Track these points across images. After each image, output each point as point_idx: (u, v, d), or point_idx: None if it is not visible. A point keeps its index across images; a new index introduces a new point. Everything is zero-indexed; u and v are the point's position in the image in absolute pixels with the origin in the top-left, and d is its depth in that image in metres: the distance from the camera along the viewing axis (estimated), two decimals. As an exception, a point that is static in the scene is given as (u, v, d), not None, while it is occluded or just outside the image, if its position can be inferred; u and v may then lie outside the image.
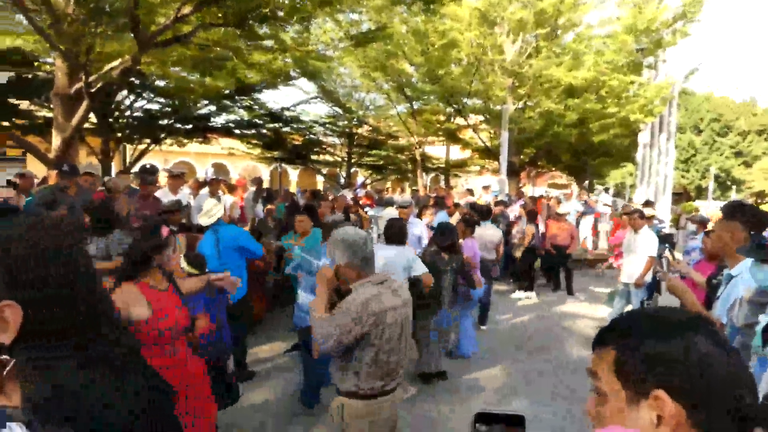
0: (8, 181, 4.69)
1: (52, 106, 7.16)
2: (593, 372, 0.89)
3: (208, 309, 3.22)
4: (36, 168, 8.07)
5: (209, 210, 4.38)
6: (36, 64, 9.09)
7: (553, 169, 22.33)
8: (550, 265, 9.00)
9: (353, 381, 2.13)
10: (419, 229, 6.12)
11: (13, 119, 10.85)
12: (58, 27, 5.14)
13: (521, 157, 17.03)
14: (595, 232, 12.59)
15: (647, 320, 0.85)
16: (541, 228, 8.87)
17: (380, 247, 4.13)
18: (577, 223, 11.30)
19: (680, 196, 31.03)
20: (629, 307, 5.99)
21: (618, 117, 12.59)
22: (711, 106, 35.05)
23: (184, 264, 3.77)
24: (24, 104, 11.11)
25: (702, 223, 6.98)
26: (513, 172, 15.02)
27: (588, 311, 7.51)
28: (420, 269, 4.07)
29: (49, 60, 8.81)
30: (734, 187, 34.08)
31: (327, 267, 2.27)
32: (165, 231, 2.52)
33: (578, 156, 17.75)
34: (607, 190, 27.77)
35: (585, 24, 13.39)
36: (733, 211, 2.35)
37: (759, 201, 27.41)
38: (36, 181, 6.57)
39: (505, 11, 12.18)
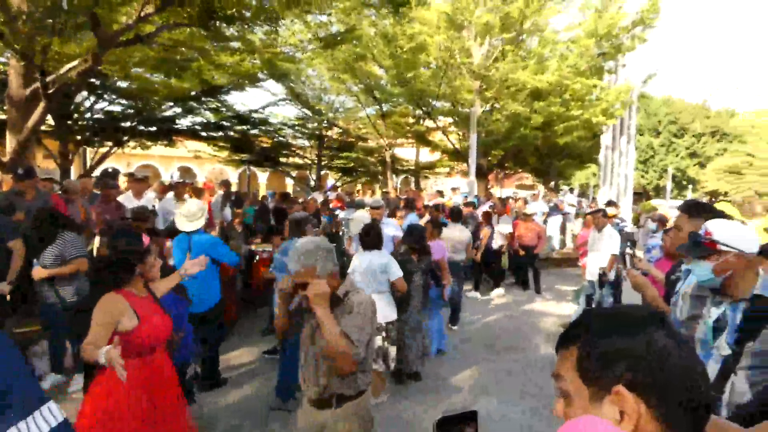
0: None
1: (5, 108, 6.85)
2: (557, 375, 0.90)
3: (176, 308, 3.13)
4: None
5: (194, 214, 4.19)
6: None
7: (520, 170, 22.80)
8: (518, 265, 9.19)
9: (364, 380, 2.21)
10: (392, 229, 6.15)
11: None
12: (12, 25, 4.91)
13: (489, 159, 17.30)
14: (563, 232, 12.95)
15: (606, 317, 0.87)
16: (509, 228, 9.04)
17: (359, 253, 4.14)
18: (544, 223, 11.57)
19: (640, 195, 32.20)
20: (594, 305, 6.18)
21: (581, 119, 12.96)
22: (669, 108, 36.56)
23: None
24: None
25: (661, 221, 7.27)
26: (481, 174, 15.25)
27: (555, 309, 7.70)
28: (396, 273, 4.11)
29: (2, 60, 8.41)
30: (690, 186, 35.60)
31: (320, 283, 2.06)
32: (146, 239, 2.54)
33: (544, 158, 18.21)
34: (572, 190, 28.60)
35: (550, 29, 13.74)
36: (698, 209, 2.45)
37: (713, 199, 28.76)
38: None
39: (472, 15, 12.37)
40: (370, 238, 4.22)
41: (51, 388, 4.26)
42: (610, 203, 9.86)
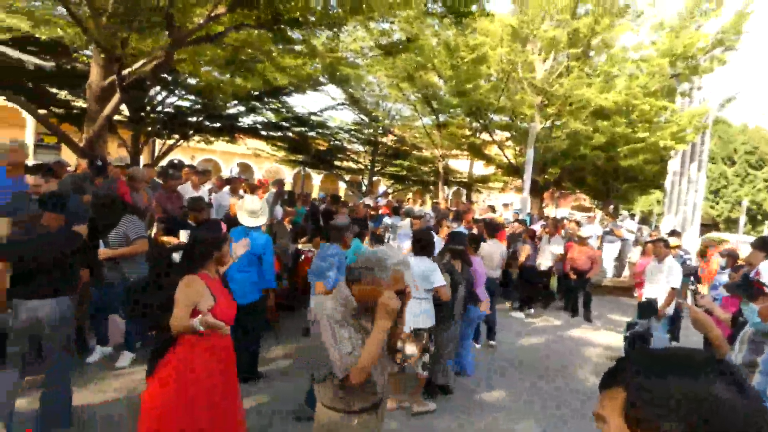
0: (46, 168, 4.79)
1: (85, 97, 7.37)
2: (598, 416, 0.83)
3: None
4: (70, 156, 8.31)
5: (257, 211, 4.29)
6: (74, 55, 9.37)
7: (578, 191, 21.96)
8: (568, 289, 8.80)
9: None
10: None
11: (51, 107, 11.24)
12: (97, 20, 5.28)
13: (546, 176, 16.79)
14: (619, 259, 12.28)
15: (661, 360, 0.79)
16: (560, 250, 8.70)
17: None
18: (599, 248, 11.03)
19: (708, 227, 30.12)
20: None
21: (648, 142, 12.31)
22: (746, 137, 34.05)
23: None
24: (62, 94, 11.50)
25: (731, 256, 6.72)
26: (536, 192, 14.81)
27: (604, 339, 7.28)
28: (440, 280, 4.02)
29: (87, 52, 9.08)
30: (767, 222, 32.92)
31: (391, 297, 1.92)
32: (224, 226, 2.76)
33: (604, 179, 17.42)
34: (632, 216, 27.16)
35: (619, 46, 13.18)
36: None
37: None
38: (70, 169, 6.74)
39: (537, 29, 12.09)
40: (421, 243, 4.16)
41: (99, 361, 4.48)
42: (673, 233, 9.25)
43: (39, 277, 3.21)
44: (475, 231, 7.61)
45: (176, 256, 4.15)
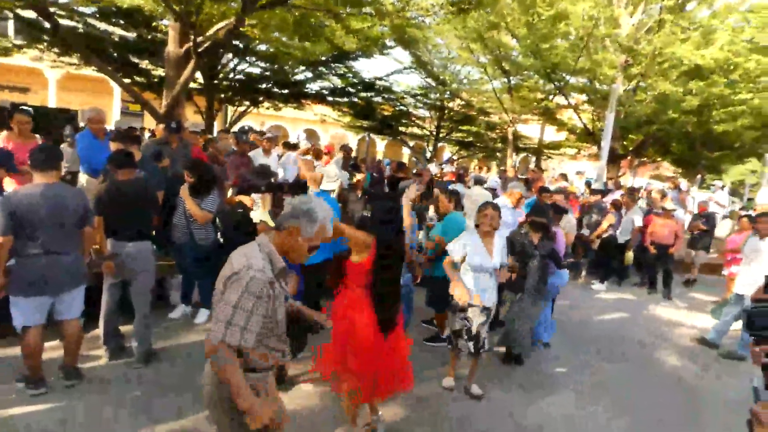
0: (131, 136, 5.07)
1: (163, 66, 7.67)
2: (756, 414, 0.70)
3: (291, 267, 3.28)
4: (151, 122, 8.78)
5: (332, 177, 4.41)
6: (153, 24, 9.75)
7: (660, 159, 20.27)
8: (647, 264, 8.23)
9: None
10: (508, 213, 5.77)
11: (134, 76, 11.89)
12: (173, -13, 5.39)
13: (625, 143, 15.60)
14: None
15: None
16: (639, 222, 8.12)
17: (469, 231, 3.94)
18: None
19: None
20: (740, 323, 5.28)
21: (750, 105, 10.98)
22: None
23: (270, 221, 3.90)
24: (143, 63, 12.12)
25: None
26: (613, 159, 13.83)
27: (687, 320, 6.77)
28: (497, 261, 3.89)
29: (165, 22, 9.41)
30: None
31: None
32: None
33: (692, 147, 15.88)
34: (723, 187, 24.74)
35: (722, -3, 11.68)
36: None
37: None
38: (147, 135, 7.13)
39: (626, -21, 10.98)
40: None
41: (180, 317, 4.79)
42: (777, 207, 8.29)
43: (122, 222, 3.63)
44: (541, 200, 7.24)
45: (254, 216, 4.27)
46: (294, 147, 8.79)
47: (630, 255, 8.44)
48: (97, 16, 10.50)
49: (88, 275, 3.59)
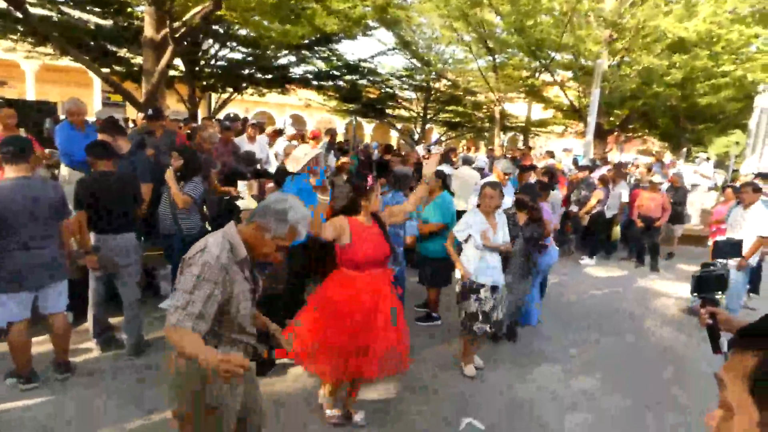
0: (118, 127, 4.95)
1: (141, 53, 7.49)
2: (720, 379, 0.71)
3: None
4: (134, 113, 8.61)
5: (299, 157, 4.27)
6: (129, 11, 9.50)
7: (646, 133, 20.40)
8: (633, 237, 8.34)
9: None
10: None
11: (113, 66, 11.61)
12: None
13: (611, 119, 15.63)
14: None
15: None
16: (625, 197, 8.22)
17: (472, 211, 3.95)
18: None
19: (797, 170, 27.30)
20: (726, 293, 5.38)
21: (733, 76, 11.05)
22: None
23: (253, 206, 3.87)
24: (121, 52, 11.83)
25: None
26: (600, 135, 13.87)
27: (674, 291, 6.89)
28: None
29: (141, 8, 9.17)
30: None
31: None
32: (370, 179, 2.99)
33: (677, 120, 15.99)
34: (708, 159, 24.98)
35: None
36: None
37: None
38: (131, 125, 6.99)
39: (608, -48, 10.88)
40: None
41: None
42: (759, 176, 8.41)
43: (105, 215, 3.58)
44: (533, 178, 7.27)
45: (241, 204, 4.22)
46: (280, 133, 8.70)
47: (617, 229, 8.55)
48: (71, 3, 10.19)
49: (71, 269, 3.55)
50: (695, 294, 1.77)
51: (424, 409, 3.38)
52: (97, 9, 10.27)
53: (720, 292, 1.79)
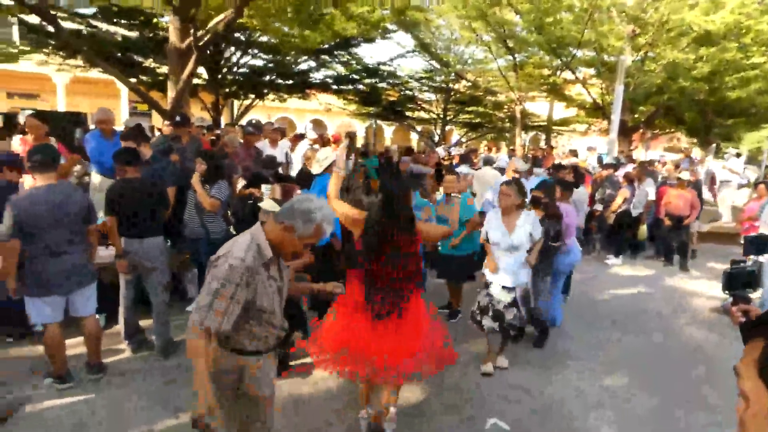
0: (140, 133, 5.12)
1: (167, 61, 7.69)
2: (737, 370, 0.72)
3: None
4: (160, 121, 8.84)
5: (320, 160, 4.51)
6: (154, 21, 9.77)
7: (672, 130, 19.88)
8: (661, 236, 8.14)
9: None
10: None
11: (140, 76, 11.96)
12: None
13: (635, 115, 15.30)
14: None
15: None
16: (652, 195, 8.04)
17: (494, 211, 3.95)
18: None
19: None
20: (759, 291, 5.21)
21: (764, 69, 10.70)
22: None
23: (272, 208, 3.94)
24: (147, 62, 12.17)
25: None
26: (624, 132, 13.60)
27: (704, 290, 6.70)
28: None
29: (165, 19, 9.43)
30: None
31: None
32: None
33: (705, 115, 15.53)
34: (738, 155, 24.16)
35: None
36: None
37: None
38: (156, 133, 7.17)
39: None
40: None
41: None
42: (793, 171, 8.11)
43: (133, 220, 3.70)
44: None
45: (264, 206, 4.31)
46: (301, 137, 8.81)
47: (644, 228, 8.36)
48: (99, 16, 10.55)
49: (99, 272, 3.67)
50: (727, 291, 1.74)
51: (448, 407, 3.38)
52: (123, 21, 10.61)
53: (752, 289, 1.75)
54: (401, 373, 2.72)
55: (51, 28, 7.15)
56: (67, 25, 9.42)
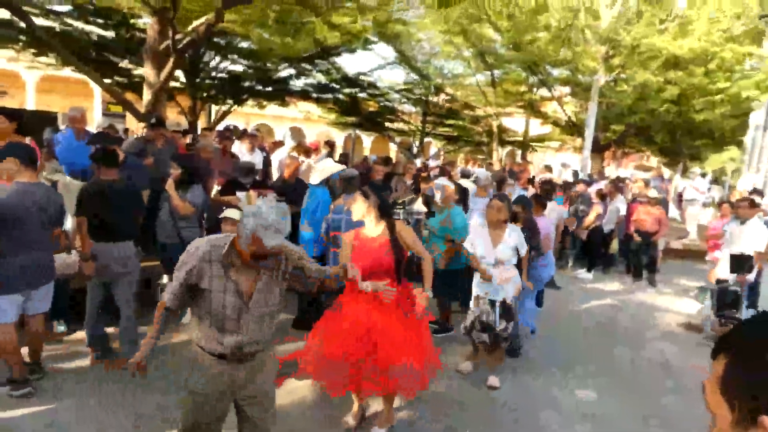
0: (110, 138, 5.01)
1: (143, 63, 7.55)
2: (703, 386, 0.75)
3: None
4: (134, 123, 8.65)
5: (320, 170, 4.66)
6: (131, 22, 9.59)
7: (644, 149, 20.53)
8: (631, 251, 8.35)
9: None
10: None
11: (114, 77, 11.69)
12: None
13: (608, 134, 15.76)
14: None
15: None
16: (623, 211, 8.27)
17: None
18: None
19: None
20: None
21: (728, 93, 11.18)
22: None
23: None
24: (123, 63, 11.92)
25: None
26: (597, 150, 13.97)
27: (673, 305, 6.89)
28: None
29: (143, 20, 9.28)
30: None
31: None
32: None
33: (674, 136, 16.11)
34: (703, 175, 25.10)
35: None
36: None
37: None
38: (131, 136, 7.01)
39: (605, -30, 11.09)
40: None
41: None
42: (755, 191, 8.48)
43: (107, 223, 3.59)
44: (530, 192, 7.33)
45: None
46: (280, 144, 8.77)
47: (615, 243, 8.58)
48: (75, 15, 10.29)
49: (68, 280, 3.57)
50: (714, 311, 1.77)
51: (429, 418, 3.36)
52: (99, 21, 10.37)
53: (736, 310, 1.79)
54: (389, 382, 2.79)
55: (22, 24, 6.94)
56: (40, 21, 9.15)
